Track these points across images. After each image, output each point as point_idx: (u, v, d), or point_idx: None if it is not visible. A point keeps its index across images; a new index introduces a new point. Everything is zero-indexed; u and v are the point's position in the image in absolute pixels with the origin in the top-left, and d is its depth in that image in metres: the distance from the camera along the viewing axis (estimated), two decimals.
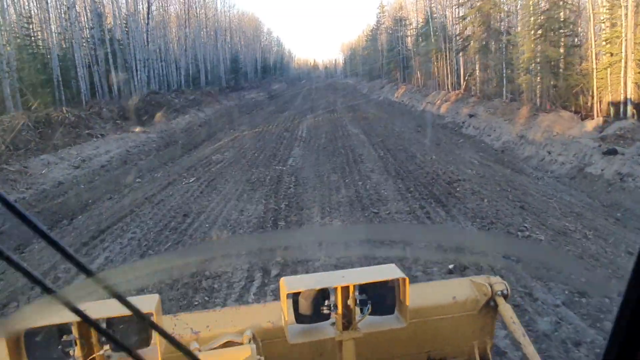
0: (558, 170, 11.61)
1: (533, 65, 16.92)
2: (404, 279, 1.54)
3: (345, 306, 1.54)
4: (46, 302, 0.71)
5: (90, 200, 9.04)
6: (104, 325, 1.33)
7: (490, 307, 1.83)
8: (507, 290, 1.82)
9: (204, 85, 39.69)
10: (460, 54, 25.48)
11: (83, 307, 0.93)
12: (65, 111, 15.28)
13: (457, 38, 25.74)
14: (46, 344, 1.30)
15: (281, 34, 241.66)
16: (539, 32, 15.83)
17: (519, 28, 22.06)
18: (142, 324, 1.35)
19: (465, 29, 23.05)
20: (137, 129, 17.01)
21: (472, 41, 22.15)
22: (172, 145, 16.01)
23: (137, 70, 29.87)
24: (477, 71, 23.62)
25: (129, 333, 1.35)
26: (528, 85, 16.87)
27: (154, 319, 1.35)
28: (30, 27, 22.57)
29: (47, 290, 0.66)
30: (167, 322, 1.60)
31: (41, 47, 23.22)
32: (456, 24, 27.40)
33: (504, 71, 19.89)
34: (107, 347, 1.36)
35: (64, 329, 1.32)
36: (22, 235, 6.36)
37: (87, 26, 27.19)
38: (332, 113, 23.84)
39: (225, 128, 20.67)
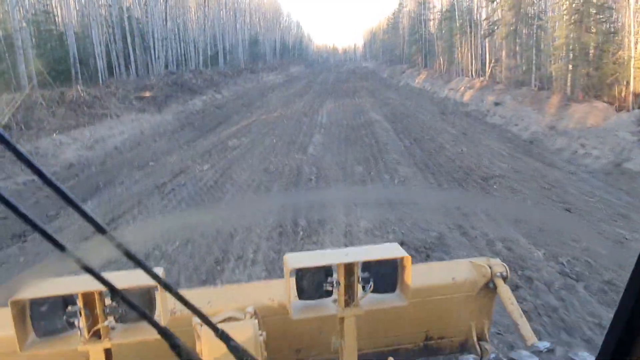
0: (592, 164, 10.90)
1: (565, 52, 16.03)
2: (406, 258, 1.54)
3: (348, 283, 1.55)
4: (57, 259, 0.73)
5: (100, 184, 8.69)
6: (107, 297, 1.35)
7: (489, 288, 1.84)
8: (507, 272, 1.83)
9: (222, 66, 39.21)
10: (487, 39, 24.48)
11: (85, 279, 0.95)
12: (80, 90, 14.95)
13: (484, 22, 24.72)
14: (51, 314, 1.30)
15: (300, 18, 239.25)
16: (575, 16, 14.92)
17: (550, 13, 21.07)
18: (146, 296, 1.36)
19: (494, 12, 22.06)
20: (147, 94, 16.94)
21: (500, 26, 21.18)
22: (188, 128, 15.62)
23: (155, 50, 29.49)
24: (504, 57, 22.68)
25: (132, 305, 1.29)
26: (560, 73, 16.00)
27: (158, 292, 1.36)
28: (48, 3, 22.26)
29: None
30: (170, 298, 1.36)
31: (59, 24, 22.96)
32: (483, 7, 26.32)
33: (534, 58, 18.98)
34: (111, 317, 1.37)
35: (68, 300, 1.33)
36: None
37: (105, 3, 26.77)
38: (352, 98, 23.12)
39: (243, 111, 20.20)
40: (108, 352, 1.38)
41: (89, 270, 0.72)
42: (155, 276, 0.82)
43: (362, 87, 30.84)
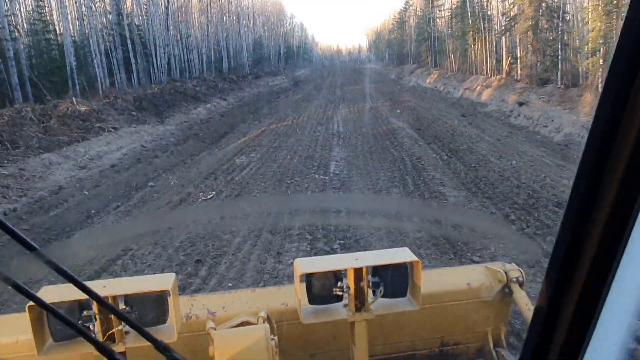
0: None
1: (599, 45, 14.77)
2: (416, 262, 1.52)
3: (358, 288, 1.53)
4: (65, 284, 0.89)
5: (92, 211, 7.56)
6: (122, 302, 1.39)
7: (505, 294, 1.78)
8: (523, 277, 1.78)
9: (226, 71, 38.23)
10: (504, 35, 23.23)
11: (103, 283, 1.34)
12: (75, 102, 13.89)
13: (503, 17, 23.48)
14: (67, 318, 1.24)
15: (304, 19, 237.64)
16: (612, 4, 13.67)
17: (573, 4, 19.81)
18: (159, 301, 1.39)
19: (513, 6, 20.81)
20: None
21: (520, 20, 19.93)
22: (192, 139, 14.50)
23: (157, 57, 28.50)
24: (523, 54, 21.42)
25: (146, 310, 1.38)
26: (594, 69, 14.74)
27: (170, 297, 1.39)
28: (44, 10, 21.31)
29: (28, 247, 0.67)
30: (184, 302, 1.63)
31: (56, 33, 22.00)
32: (500, 1, 25.09)
33: (559, 53, 17.72)
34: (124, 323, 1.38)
35: (84, 304, 1.36)
36: None
37: (105, 10, 25.82)
38: (364, 101, 21.84)
39: (249, 119, 19.06)
40: (122, 356, 1.33)
41: (60, 271, 0.73)
42: (86, 290, 0.88)
43: (373, 89, 29.59)
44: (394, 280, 1.55)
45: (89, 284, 1.25)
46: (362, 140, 12.64)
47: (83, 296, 1.25)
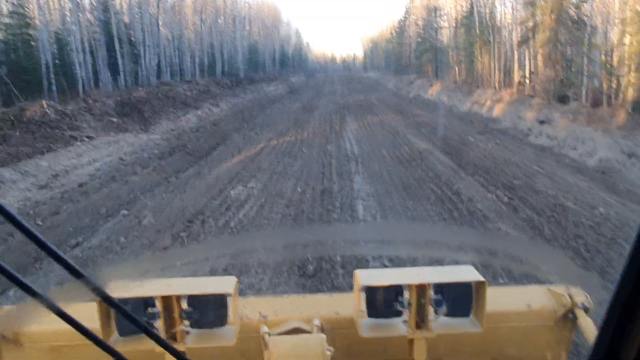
0: None
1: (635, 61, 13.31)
2: (482, 282, 1.48)
3: (419, 305, 1.49)
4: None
5: (41, 254, 5.78)
6: (185, 302, 1.39)
7: (568, 319, 1.68)
8: (589, 302, 1.66)
9: (220, 75, 36.51)
10: (519, 46, 21.81)
11: (167, 282, 1.39)
12: (46, 105, 12.08)
13: (519, 27, 22.06)
14: (135, 314, 1.17)
15: (300, 25, 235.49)
16: None
17: (598, 16, 18.42)
18: (220, 303, 1.40)
19: (532, 16, 19.38)
20: (113, 119, 13.75)
21: (539, 31, 18.49)
22: (178, 152, 12.73)
23: (145, 58, 26.70)
24: (541, 67, 19.98)
25: (207, 312, 1.39)
26: (634, 86, 13.25)
27: (231, 300, 1.40)
28: (24, 2, 19.43)
29: (75, 273, 0.71)
30: (242, 305, 1.63)
31: (37, 28, 20.13)
32: (514, 10, 23.71)
33: (585, 68, 16.27)
34: (186, 322, 1.39)
35: (149, 302, 1.36)
36: None
37: (92, 7, 23.99)
38: (373, 114, 19.90)
39: (244, 128, 17.30)
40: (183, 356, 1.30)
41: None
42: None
43: (377, 99, 27.85)
44: (456, 299, 1.47)
45: (155, 282, 1.42)
46: (387, 166, 10.32)
47: (149, 294, 1.36)
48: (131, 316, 0.97)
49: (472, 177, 9.19)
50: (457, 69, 33.21)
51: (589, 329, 1.57)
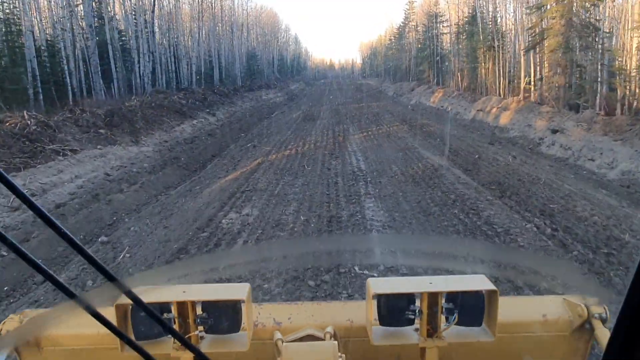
0: None
1: None
2: (494, 291, 1.48)
3: (431, 313, 1.50)
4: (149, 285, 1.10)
5: (1, 294, 4.93)
6: (199, 308, 1.43)
7: (585, 330, 1.66)
8: (607, 313, 1.64)
9: (217, 83, 35.74)
10: (527, 52, 21.06)
11: (182, 288, 1.43)
12: (27, 116, 11.26)
13: (527, 33, 21.33)
14: (150, 320, 1.25)
15: (298, 31, 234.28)
16: None
17: (609, 21, 17.71)
18: (234, 309, 1.42)
19: (541, 21, 18.62)
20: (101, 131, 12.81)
21: (549, 37, 17.73)
22: (170, 166, 11.90)
23: (140, 66, 25.92)
24: (549, 74, 19.21)
25: (221, 317, 1.41)
26: None
27: (244, 306, 1.41)
28: (9, 8, 18.65)
29: (109, 277, 0.77)
30: (255, 311, 1.64)
31: (33, 35, 19.34)
32: (522, 15, 23.03)
33: (599, 75, 15.49)
34: (201, 328, 1.41)
35: (164, 307, 1.39)
36: None
37: (82, 11, 23.21)
38: (376, 124, 18.85)
39: (241, 138, 16.46)
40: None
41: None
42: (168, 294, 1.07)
43: (379, 107, 26.95)
44: (468, 307, 1.47)
45: (170, 288, 1.46)
46: (401, 187, 9.02)
47: (164, 299, 1.39)
48: (159, 317, 0.99)
49: (500, 200, 7.99)
50: (459, 75, 32.45)
51: (606, 340, 1.44)
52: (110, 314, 1.31)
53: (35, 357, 1.55)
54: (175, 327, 1.40)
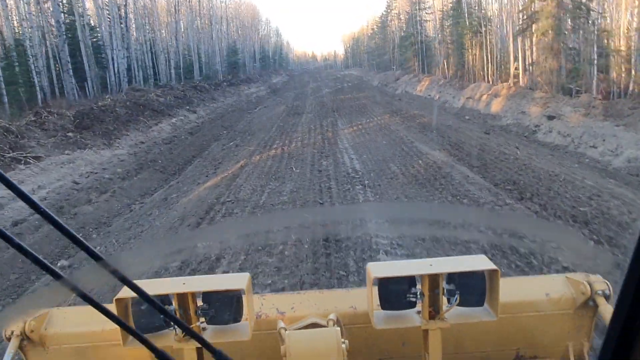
0: None
1: None
2: (494, 271, 1.45)
3: (432, 295, 1.48)
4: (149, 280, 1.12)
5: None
6: (200, 299, 1.40)
7: (588, 306, 1.65)
8: (610, 290, 1.62)
9: (197, 79, 34.59)
10: (518, 35, 20.41)
11: (182, 280, 1.40)
12: None
13: (520, 15, 20.65)
14: (150, 313, 1.32)
15: (279, 24, 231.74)
16: None
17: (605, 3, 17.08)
18: (234, 299, 1.40)
19: (532, 2, 17.93)
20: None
21: (541, 18, 17.06)
22: (147, 169, 10.99)
23: (114, 63, 24.75)
24: (541, 58, 18.58)
25: (222, 308, 1.39)
26: None
27: (244, 296, 1.40)
28: None
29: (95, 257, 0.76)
30: (255, 301, 1.61)
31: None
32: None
33: (595, 57, 14.87)
34: (202, 319, 1.40)
35: (165, 300, 1.37)
36: None
37: (51, 8, 21.95)
38: (366, 116, 17.83)
39: (223, 136, 15.55)
40: (199, 351, 1.40)
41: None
42: (167, 286, 1.14)
43: (365, 98, 26.06)
44: (469, 288, 1.44)
45: (170, 280, 1.46)
46: (403, 191, 7.81)
47: (165, 291, 1.36)
48: (162, 307, 1.00)
49: (521, 204, 6.83)
50: (445, 62, 31.77)
51: (610, 316, 1.23)
52: (110, 309, 1.25)
53: (40, 356, 1.56)
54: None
